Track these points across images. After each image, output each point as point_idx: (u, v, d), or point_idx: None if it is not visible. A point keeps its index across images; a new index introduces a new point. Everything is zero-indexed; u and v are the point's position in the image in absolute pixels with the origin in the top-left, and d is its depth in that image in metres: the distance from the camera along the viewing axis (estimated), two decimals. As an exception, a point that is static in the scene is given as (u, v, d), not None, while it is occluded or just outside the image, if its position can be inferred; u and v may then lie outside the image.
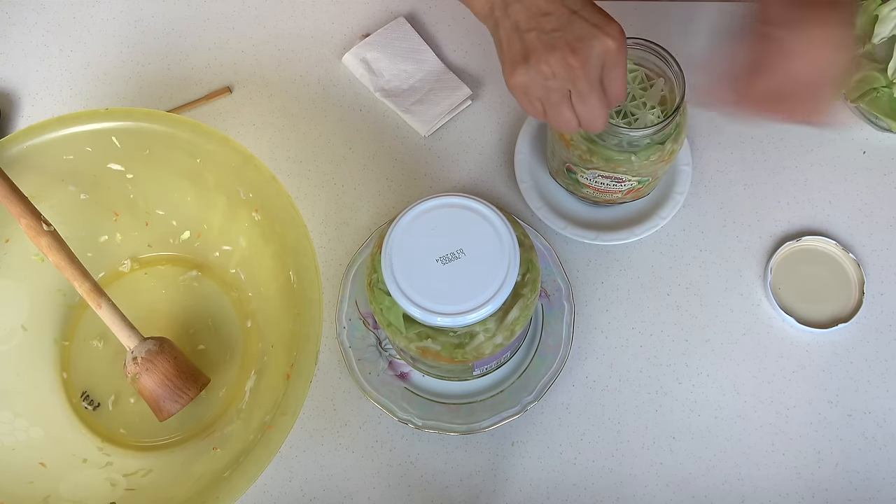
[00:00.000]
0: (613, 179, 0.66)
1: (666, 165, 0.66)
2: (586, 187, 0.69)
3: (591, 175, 0.66)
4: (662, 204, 0.72)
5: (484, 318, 0.53)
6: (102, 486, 0.63)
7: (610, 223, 0.73)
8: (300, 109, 0.79)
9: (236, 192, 0.65)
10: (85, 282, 0.63)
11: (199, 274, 0.73)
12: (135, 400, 0.69)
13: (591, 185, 0.68)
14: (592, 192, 0.70)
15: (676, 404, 0.69)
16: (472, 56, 0.80)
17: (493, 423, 0.67)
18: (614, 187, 0.67)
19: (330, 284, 0.72)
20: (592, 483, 0.67)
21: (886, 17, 0.73)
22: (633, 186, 0.67)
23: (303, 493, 0.68)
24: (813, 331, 0.70)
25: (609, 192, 0.68)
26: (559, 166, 0.70)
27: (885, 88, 0.71)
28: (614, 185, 0.67)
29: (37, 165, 0.65)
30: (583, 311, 0.72)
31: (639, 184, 0.67)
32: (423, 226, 0.55)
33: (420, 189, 0.76)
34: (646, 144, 0.63)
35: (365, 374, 0.68)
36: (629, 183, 0.66)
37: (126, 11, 0.82)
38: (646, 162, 0.64)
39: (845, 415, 0.69)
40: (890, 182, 0.75)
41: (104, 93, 0.80)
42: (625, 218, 0.73)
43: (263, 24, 0.82)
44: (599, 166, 0.65)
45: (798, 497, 0.67)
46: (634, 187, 0.68)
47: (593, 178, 0.67)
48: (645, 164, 0.64)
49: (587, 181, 0.68)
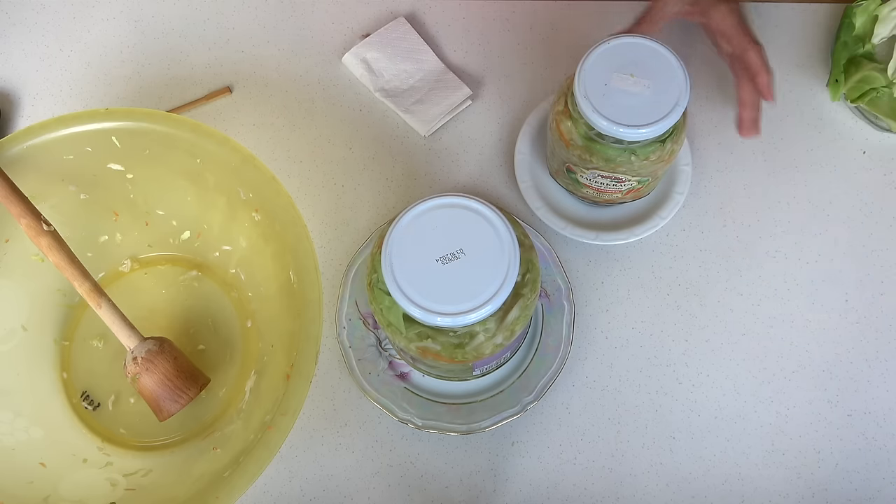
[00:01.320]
0: (613, 179, 0.66)
1: (666, 165, 0.66)
2: (586, 187, 0.69)
3: (590, 175, 0.66)
4: (662, 204, 0.72)
5: (484, 318, 0.53)
6: (102, 486, 0.63)
7: (610, 223, 0.73)
8: (300, 109, 0.79)
9: (236, 192, 0.65)
10: (85, 282, 0.63)
11: (199, 274, 0.73)
12: (135, 400, 0.69)
13: (591, 185, 0.68)
14: (592, 192, 0.70)
15: (676, 404, 0.69)
16: (472, 56, 0.80)
17: (493, 423, 0.67)
18: (614, 187, 0.67)
19: (330, 284, 0.72)
20: (592, 483, 0.67)
21: (886, 17, 0.73)
22: (632, 186, 0.67)
23: (303, 493, 0.68)
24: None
25: (609, 192, 0.68)
26: (559, 166, 0.70)
27: (885, 88, 0.71)
28: (614, 185, 0.67)
29: (37, 165, 0.65)
30: (583, 311, 0.72)
31: (639, 184, 0.67)
32: (423, 226, 0.55)
33: (420, 189, 0.76)
34: (645, 144, 0.63)
35: (365, 374, 0.68)
36: (629, 183, 0.66)
37: (126, 11, 0.82)
38: (645, 161, 0.64)
39: (845, 415, 0.69)
40: (890, 182, 0.75)
41: (104, 93, 0.80)
42: (625, 218, 0.73)
43: (263, 24, 0.82)
44: (599, 166, 0.65)
45: (798, 497, 0.67)
46: (634, 187, 0.67)
47: (593, 178, 0.67)
48: (644, 163, 0.64)
49: (587, 181, 0.68)
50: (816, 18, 0.80)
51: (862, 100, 0.73)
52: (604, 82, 0.61)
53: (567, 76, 0.66)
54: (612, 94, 0.61)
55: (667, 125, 0.61)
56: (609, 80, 0.61)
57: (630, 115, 0.60)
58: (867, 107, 0.73)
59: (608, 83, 0.61)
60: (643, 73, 0.61)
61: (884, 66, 0.72)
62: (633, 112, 0.60)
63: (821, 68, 0.78)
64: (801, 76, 0.78)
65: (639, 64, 0.62)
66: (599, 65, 0.62)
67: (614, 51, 0.62)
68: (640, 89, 0.61)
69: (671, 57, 0.62)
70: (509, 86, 0.79)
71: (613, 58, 0.62)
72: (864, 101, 0.73)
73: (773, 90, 0.69)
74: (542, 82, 0.79)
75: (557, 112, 0.65)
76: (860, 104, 0.73)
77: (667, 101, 0.61)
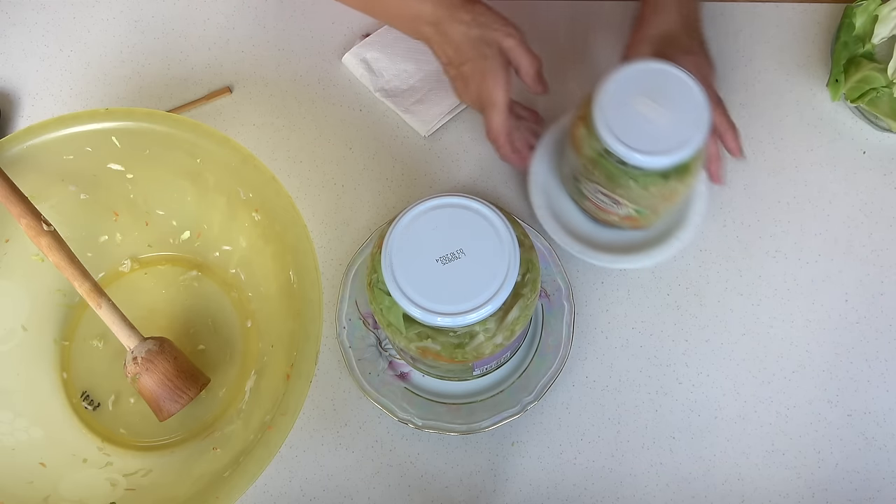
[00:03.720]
0: (612, 200, 0.65)
1: (667, 204, 0.65)
2: (588, 200, 0.68)
3: (592, 188, 0.66)
4: (679, 227, 0.71)
5: (484, 318, 0.53)
6: (102, 486, 0.63)
7: (626, 245, 0.71)
8: (300, 109, 0.79)
9: (236, 192, 0.65)
10: (85, 282, 0.63)
11: (199, 274, 0.73)
12: (135, 400, 0.69)
13: (592, 200, 0.68)
14: (592, 207, 0.69)
15: (676, 404, 0.69)
16: (472, 56, 0.80)
17: (493, 423, 0.67)
18: (612, 208, 0.66)
19: (330, 284, 0.72)
20: (592, 483, 0.67)
21: (886, 17, 0.73)
22: (630, 213, 0.66)
23: (303, 493, 0.68)
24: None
25: (607, 211, 0.68)
26: (569, 172, 0.69)
27: (885, 88, 0.71)
28: (612, 205, 0.66)
29: (37, 165, 0.65)
30: (583, 311, 0.72)
31: (636, 213, 0.66)
32: (423, 226, 0.55)
33: (420, 189, 0.76)
34: (647, 173, 0.61)
35: (365, 374, 0.68)
36: (626, 209, 0.65)
37: (126, 11, 0.82)
38: (644, 192, 0.62)
39: (845, 415, 0.69)
40: (890, 182, 0.75)
41: (104, 93, 0.80)
42: (640, 239, 0.71)
43: (263, 24, 0.82)
44: (600, 182, 0.64)
45: (798, 497, 0.67)
46: (631, 215, 0.66)
47: (594, 193, 0.66)
48: (643, 193, 0.63)
49: (588, 194, 0.67)
50: (816, 18, 0.80)
51: (862, 100, 0.73)
52: (625, 100, 0.60)
53: (583, 96, 0.65)
54: (629, 113, 0.60)
55: (669, 161, 0.59)
56: (632, 100, 0.60)
57: (636, 138, 0.59)
58: (867, 107, 0.73)
59: (629, 102, 0.60)
60: (667, 104, 0.60)
61: (884, 66, 0.72)
62: (640, 136, 0.59)
63: (821, 68, 0.78)
64: (801, 76, 0.78)
65: (667, 94, 0.60)
66: (627, 82, 0.60)
67: (648, 74, 0.61)
68: (657, 117, 0.60)
69: (702, 101, 0.60)
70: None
71: (644, 80, 0.60)
72: (864, 101, 0.73)
73: (742, 147, 0.69)
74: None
75: (578, 116, 0.64)
76: (860, 104, 0.73)
77: (677, 138, 0.59)
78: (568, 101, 0.76)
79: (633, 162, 0.60)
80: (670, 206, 0.66)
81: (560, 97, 0.76)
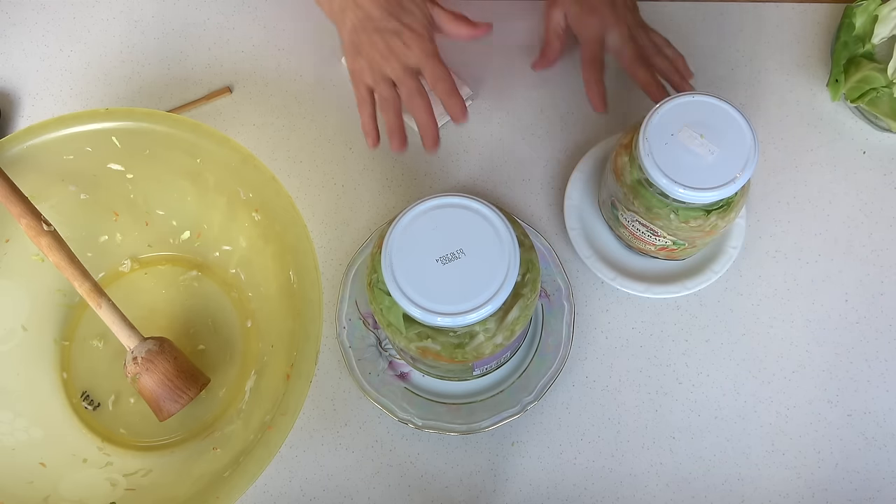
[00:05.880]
0: (650, 230, 0.64)
1: (707, 238, 0.64)
2: (624, 228, 0.68)
3: (629, 217, 0.65)
4: (715, 257, 0.70)
5: (484, 318, 0.53)
6: (102, 486, 0.63)
7: (661, 274, 0.71)
8: (300, 109, 0.79)
9: (236, 192, 0.65)
10: (85, 282, 0.63)
11: (199, 274, 0.73)
12: (135, 400, 0.69)
13: (628, 228, 0.67)
14: (628, 235, 0.68)
15: (676, 404, 0.69)
16: (472, 56, 0.80)
17: (493, 423, 0.67)
18: (649, 238, 0.66)
19: (330, 284, 0.72)
20: (592, 483, 0.67)
21: (886, 17, 0.73)
22: (666, 244, 0.66)
23: (303, 493, 0.68)
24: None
25: (643, 240, 0.67)
26: (606, 197, 0.68)
27: (885, 88, 0.71)
28: (649, 235, 0.65)
29: (37, 165, 0.65)
30: (583, 311, 0.72)
31: (674, 245, 0.65)
32: (423, 226, 0.55)
33: (420, 189, 0.76)
34: (689, 207, 0.61)
35: (365, 374, 0.68)
36: (664, 240, 0.65)
37: (126, 11, 0.82)
38: (684, 225, 0.62)
39: (845, 415, 0.69)
40: (890, 182, 0.75)
41: (104, 93, 0.80)
42: (675, 270, 0.71)
43: (263, 24, 0.82)
44: (639, 212, 0.63)
45: (798, 497, 0.67)
46: (668, 246, 0.66)
47: (631, 221, 0.65)
48: (683, 226, 0.62)
49: (626, 222, 0.66)
50: (816, 18, 0.80)
51: (862, 100, 0.73)
52: (672, 132, 0.59)
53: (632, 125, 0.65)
54: (675, 146, 0.59)
55: (712, 197, 0.59)
56: (678, 132, 0.59)
57: (681, 172, 0.58)
58: (867, 107, 0.73)
59: (675, 134, 0.59)
60: (715, 140, 0.59)
61: (884, 66, 0.72)
62: (685, 170, 0.58)
63: (821, 68, 0.78)
64: (801, 76, 0.78)
65: (715, 128, 0.59)
66: (675, 114, 0.60)
67: (696, 106, 0.60)
68: (704, 152, 0.59)
69: (750, 138, 0.59)
70: (510, 85, 0.79)
71: (692, 112, 0.60)
72: (864, 101, 0.73)
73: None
74: (542, 81, 0.79)
75: (622, 144, 0.64)
76: (860, 104, 0.73)
77: (723, 176, 0.58)
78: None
79: (676, 195, 0.59)
80: (709, 240, 0.66)
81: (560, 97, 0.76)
